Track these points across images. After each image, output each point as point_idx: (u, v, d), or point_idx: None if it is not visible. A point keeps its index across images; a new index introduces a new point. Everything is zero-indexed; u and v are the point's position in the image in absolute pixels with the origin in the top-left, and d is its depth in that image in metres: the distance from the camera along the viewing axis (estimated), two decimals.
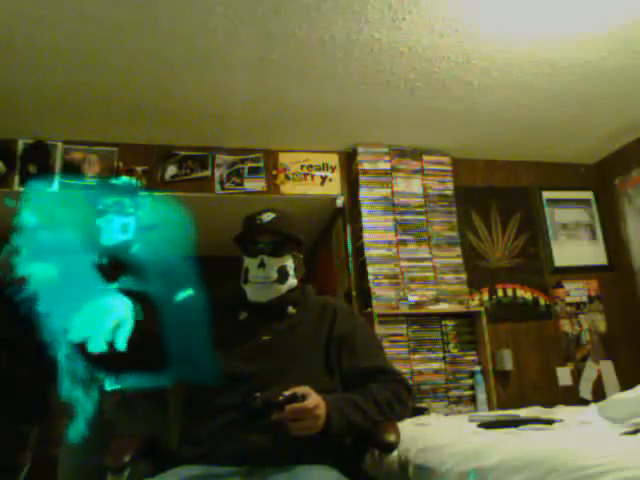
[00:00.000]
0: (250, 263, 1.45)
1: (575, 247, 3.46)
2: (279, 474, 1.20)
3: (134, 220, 1.98)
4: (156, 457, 1.37)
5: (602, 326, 3.34)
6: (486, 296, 3.23)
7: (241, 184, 3.12)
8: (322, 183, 3.25)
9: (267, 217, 1.48)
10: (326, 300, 1.58)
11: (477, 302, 3.18)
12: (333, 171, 3.28)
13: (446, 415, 2.78)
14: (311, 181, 3.23)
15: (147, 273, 1.84)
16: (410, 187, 3.24)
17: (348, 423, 1.25)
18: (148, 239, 1.97)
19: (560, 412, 2.33)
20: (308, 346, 1.42)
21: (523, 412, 2.40)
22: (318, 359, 1.40)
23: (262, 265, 1.43)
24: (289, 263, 1.47)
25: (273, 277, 1.44)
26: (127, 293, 1.70)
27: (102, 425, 1.70)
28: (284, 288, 1.46)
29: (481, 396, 2.91)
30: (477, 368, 2.98)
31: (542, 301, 3.31)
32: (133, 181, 2.05)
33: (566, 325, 3.30)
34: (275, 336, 1.42)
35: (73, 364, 1.49)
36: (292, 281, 1.48)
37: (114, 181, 2.01)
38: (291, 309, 1.47)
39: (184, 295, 1.57)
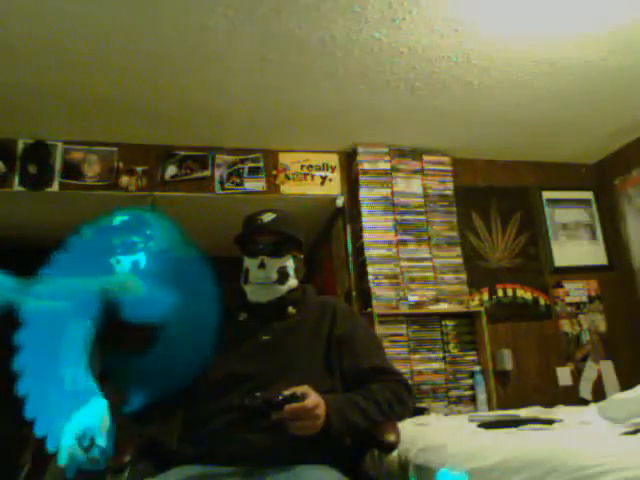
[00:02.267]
0: (250, 264, 1.45)
1: (575, 247, 3.46)
2: (279, 474, 1.20)
3: (144, 254, 2.01)
4: (156, 457, 1.37)
5: (602, 326, 3.34)
6: (486, 296, 3.23)
7: (241, 184, 3.12)
8: (322, 183, 3.25)
9: (267, 217, 1.47)
10: (326, 300, 1.58)
11: (477, 302, 3.18)
12: (333, 171, 3.28)
13: (446, 415, 2.78)
14: (311, 181, 3.23)
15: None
16: (410, 187, 3.24)
17: (348, 423, 1.25)
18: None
19: (560, 412, 2.33)
20: (308, 346, 1.42)
21: (523, 412, 2.40)
22: (318, 359, 1.40)
23: (262, 266, 1.43)
24: (289, 263, 1.47)
25: (273, 278, 1.44)
26: None
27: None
28: (284, 288, 1.46)
29: (481, 396, 2.91)
30: (477, 368, 2.98)
31: (542, 301, 3.31)
32: (139, 214, 2.06)
33: (566, 325, 3.30)
34: (275, 336, 1.42)
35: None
36: (292, 281, 1.48)
37: (118, 219, 2.02)
38: (291, 309, 1.47)
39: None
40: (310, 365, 1.38)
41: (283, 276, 1.45)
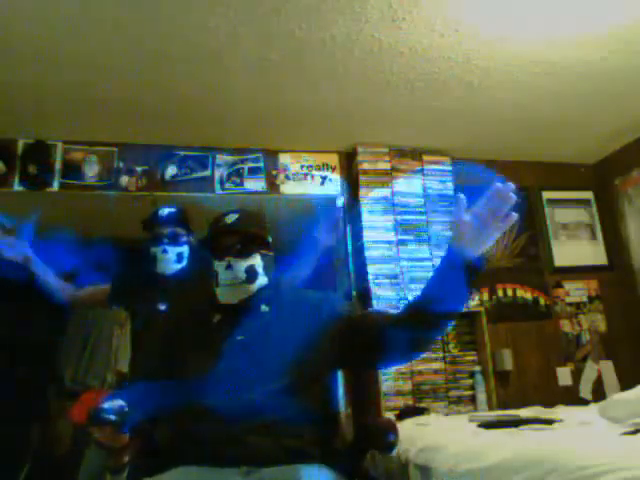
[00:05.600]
0: (218, 266, 1.44)
1: (575, 247, 3.46)
2: (278, 475, 1.20)
3: (187, 248, 2.06)
4: (155, 457, 1.37)
5: (602, 326, 3.33)
6: (486, 296, 3.23)
7: (241, 184, 3.12)
8: (322, 183, 3.25)
9: (230, 219, 1.48)
10: (303, 294, 1.56)
11: (477, 302, 3.18)
12: (333, 171, 3.28)
13: (446, 415, 2.78)
14: (311, 181, 3.23)
15: None
16: (410, 187, 3.24)
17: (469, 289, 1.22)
18: None
19: (560, 412, 2.33)
20: (285, 343, 1.40)
21: (523, 412, 2.40)
22: (297, 354, 1.39)
23: (229, 267, 1.43)
24: (257, 262, 1.46)
25: (241, 278, 1.43)
26: None
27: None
28: (254, 287, 1.45)
29: (481, 396, 2.91)
30: (477, 368, 2.98)
31: (542, 301, 3.31)
32: (181, 210, 2.13)
33: (566, 325, 3.30)
34: (249, 335, 1.41)
35: None
36: (262, 279, 1.47)
37: (166, 211, 2.07)
38: (264, 307, 1.47)
39: None
40: (289, 362, 1.36)
41: (251, 275, 1.44)
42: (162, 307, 2.01)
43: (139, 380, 1.46)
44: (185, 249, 2.07)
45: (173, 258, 2.03)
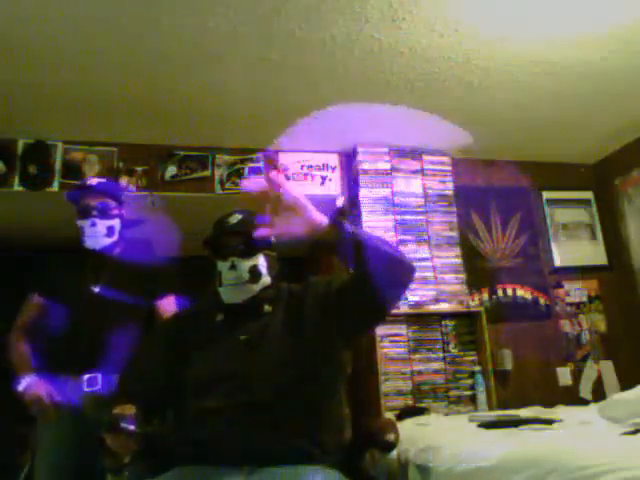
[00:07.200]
0: (222, 266, 1.45)
1: (575, 247, 3.46)
2: (279, 474, 1.20)
3: (119, 222, 1.98)
4: (155, 457, 1.37)
5: (602, 326, 3.34)
6: (486, 296, 3.23)
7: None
8: (322, 183, 3.25)
9: (234, 219, 1.49)
10: (293, 288, 1.55)
11: (477, 302, 3.18)
12: (333, 171, 3.28)
13: (446, 415, 2.78)
14: (311, 181, 3.23)
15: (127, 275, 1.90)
16: (410, 187, 3.23)
17: (355, 233, 1.21)
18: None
19: (560, 412, 2.33)
20: (286, 341, 1.40)
21: (523, 412, 2.40)
22: (298, 351, 1.38)
23: (233, 267, 1.43)
24: (260, 262, 1.47)
25: (245, 278, 1.44)
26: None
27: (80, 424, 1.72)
28: (257, 287, 1.46)
29: (481, 396, 2.90)
30: (477, 368, 2.98)
31: (542, 301, 3.31)
32: (116, 182, 2.04)
33: (566, 325, 3.30)
34: (252, 335, 1.42)
35: None
36: (265, 279, 1.48)
37: (98, 182, 2.00)
38: (267, 307, 1.47)
39: None
40: (290, 360, 1.37)
41: (255, 275, 1.45)
42: (96, 289, 1.91)
43: (139, 380, 1.46)
44: (116, 222, 1.96)
45: (103, 232, 1.91)
